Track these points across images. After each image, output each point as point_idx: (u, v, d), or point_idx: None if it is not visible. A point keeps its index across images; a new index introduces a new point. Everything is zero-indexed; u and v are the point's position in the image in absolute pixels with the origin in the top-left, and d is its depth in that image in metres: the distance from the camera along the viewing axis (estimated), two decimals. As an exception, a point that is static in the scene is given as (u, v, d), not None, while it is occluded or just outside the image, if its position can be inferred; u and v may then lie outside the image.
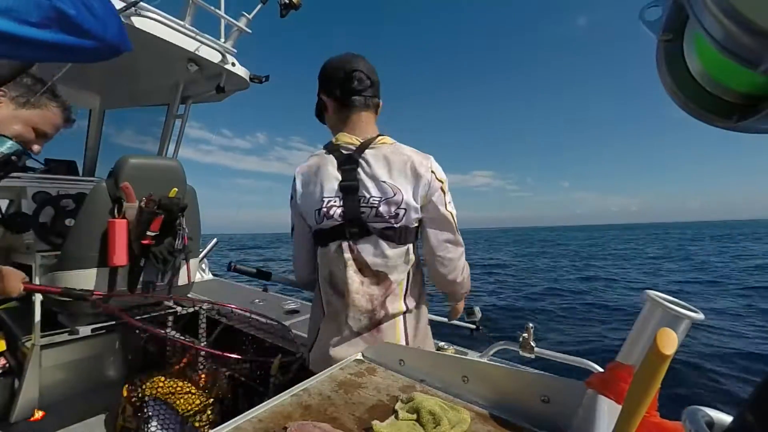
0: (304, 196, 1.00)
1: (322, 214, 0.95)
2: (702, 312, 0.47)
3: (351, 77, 0.99)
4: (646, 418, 0.41)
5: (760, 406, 0.23)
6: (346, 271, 0.95)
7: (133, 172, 1.41)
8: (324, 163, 0.98)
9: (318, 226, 0.97)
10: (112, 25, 0.71)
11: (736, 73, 0.23)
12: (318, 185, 0.96)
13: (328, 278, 1.00)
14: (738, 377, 3.98)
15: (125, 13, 1.43)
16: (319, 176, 0.97)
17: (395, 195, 0.94)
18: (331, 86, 1.02)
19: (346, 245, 0.95)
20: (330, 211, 0.94)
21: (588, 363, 1.13)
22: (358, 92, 1.00)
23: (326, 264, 0.99)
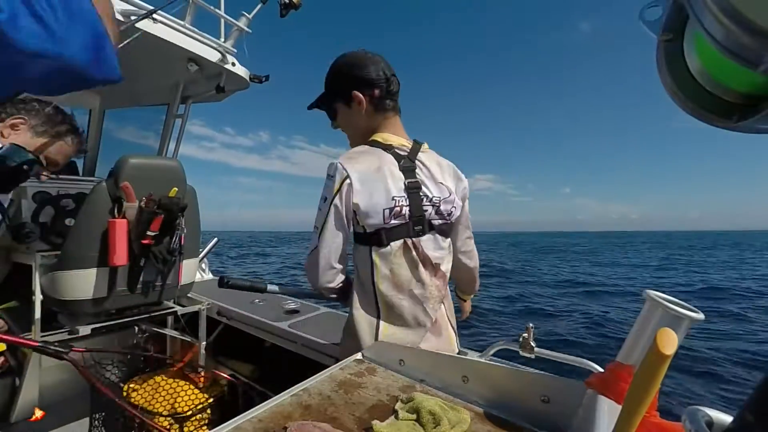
0: (367, 195, 0.93)
1: (393, 212, 0.95)
2: (702, 312, 0.47)
3: (391, 80, 1.02)
4: (646, 418, 0.41)
5: (760, 406, 0.23)
6: (417, 268, 0.99)
7: (133, 172, 1.41)
8: (385, 162, 0.98)
9: (383, 225, 0.95)
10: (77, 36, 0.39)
11: (736, 73, 0.23)
12: (384, 184, 0.95)
13: (389, 278, 0.98)
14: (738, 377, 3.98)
15: (124, 12, 1.43)
16: (384, 175, 0.96)
17: (450, 195, 1.06)
18: (371, 85, 1.01)
19: (411, 243, 0.98)
20: (401, 210, 0.96)
21: (588, 363, 1.13)
22: (394, 95, 1.04)
23: (386, 263, 0.97)
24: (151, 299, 1.60)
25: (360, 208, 0.93)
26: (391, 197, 0.95)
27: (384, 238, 0.96)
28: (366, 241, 0.98)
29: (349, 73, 1.03)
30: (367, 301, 1.00)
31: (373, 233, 0.96)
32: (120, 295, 1.48)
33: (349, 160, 0.96)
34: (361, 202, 0.93)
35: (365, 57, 1.03)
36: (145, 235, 1.40)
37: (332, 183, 0.93)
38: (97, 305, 1.43)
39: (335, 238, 0.95)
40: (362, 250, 0.99)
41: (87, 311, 1.45)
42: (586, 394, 0.55)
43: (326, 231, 0.94)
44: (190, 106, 2.35)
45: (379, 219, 0.95)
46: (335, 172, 0.94)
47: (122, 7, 1.43)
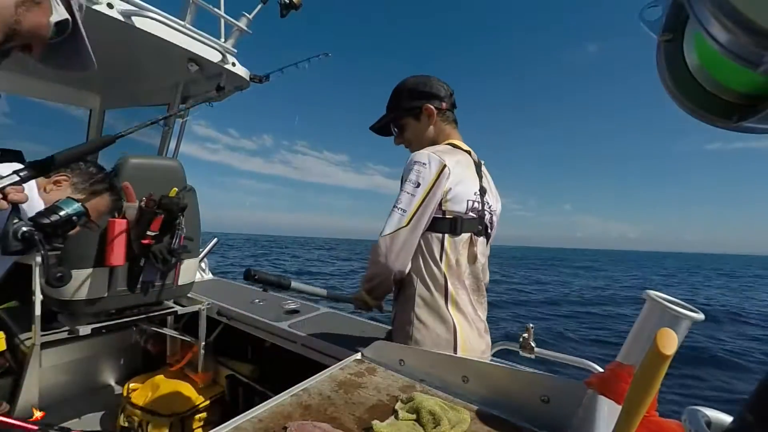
0: (460, 183, 1.02)
1: (472, 205, 1.04)
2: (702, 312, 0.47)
3: (452, 95, 1.15)
4: (646, 418, 0.41)
5: (760, 406, 0.23)
6: (475, 263, 1.06)
7: (134, 172, 1.41)
8: (468, 163, 1.08)
9: (463, 214, 1.03)
10: None
11: (736, 73, 0.23)
12: (470, 179, 1.06)
13: (454, 268, 1.02)
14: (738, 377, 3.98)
15: (125, 12, 1.43)
16: (470, 171, 1.07)
17: (497, 210, 1.17)
18: (439, 98, 1.13)
19: (474, 238, 1.05)
20: (477, 206, 1.06)
21: (588, 363, 1.13)
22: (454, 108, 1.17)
23: (455, 252, 1.02)
24: (151, 299, 1.60)
25: (450, 192, 1.00)
26: (473, 192, 1.05)
27: (459, 227, 1.02)
28: (442, 227, 1.02)
29: (419, 90, 1.14)
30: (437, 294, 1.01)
31: (451, 219, 1.02)
32: (120, 295, 1.48)
33: (444, 153, 1.02)
34: (453, 188, 1.00)
35: (429, 77, 1.16)
36: (145, 235, 1.40)
37: (427, 169, 0.99)
38: (97, 305, 1.43)
39: (421, 221, 0.99)
40: (435, 236, 1.03)
41: (87, 311, 1.45)
42: (586, 394, 0.55)
43: (421, 214, 0.99)
44: (190, 106, 2.35)
45: (462, 207, 1.02)
46: (430, 160, 1.00)
47: (122, 7, 1.43)
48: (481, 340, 1.06)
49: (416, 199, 0.98)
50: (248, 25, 1.87)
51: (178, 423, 1.65)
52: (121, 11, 1.42)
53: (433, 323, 1.00)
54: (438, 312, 1.00)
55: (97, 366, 1.96)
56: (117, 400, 1.82)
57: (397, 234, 0.98)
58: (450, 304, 1.01)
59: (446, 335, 0.99)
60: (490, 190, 1.14)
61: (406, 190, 1.00)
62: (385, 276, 1.03)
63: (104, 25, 1.44)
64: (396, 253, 0.99)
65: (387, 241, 0.99)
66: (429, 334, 0.99)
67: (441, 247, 1.02)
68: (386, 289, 1.09)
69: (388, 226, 1.00)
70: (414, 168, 1.00)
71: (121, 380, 1.93)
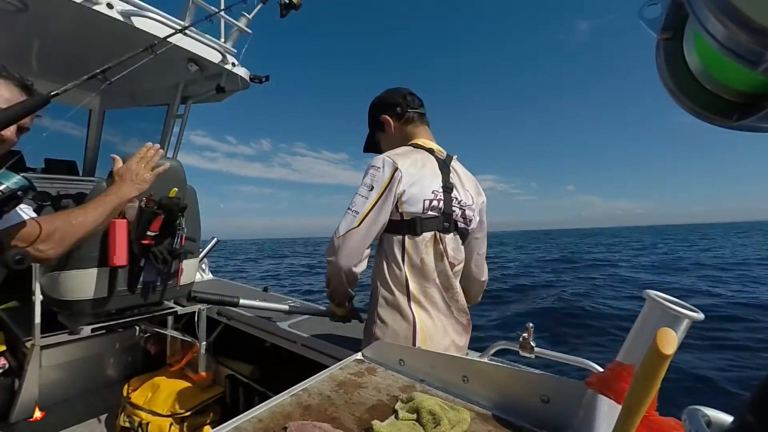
0: (414, 184, 1.03)
1: (431, 205, 1.05)
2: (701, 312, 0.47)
3: (408, 98, 1.19)
4: (646, 418, 0.41)
5: (760, 407, 0.23)
6: (443, 260, 1.06)
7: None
8: (429, 160, 1.10)
9: (420, 214, 1.04)
10: None
11: (736, 72, 0.23)
12: (427, 177, 1.06)
13: (419, 267, 1.05)
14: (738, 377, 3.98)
15: (125, 12, 1.43)
16: (428, 170, 1.08)
17: (472, 203, 1.17)
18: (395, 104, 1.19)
19: (440, 236, 1.06)
20: (438, 204, 1.06)
21: (588, 363, 1.13)
22: (416, 108, 1.20)
23: (417, 252, 1.05)
24: (151, 299, 1.60)
25: (405, 195, 1.03)
26: (431, 191, 1.06)
27: (419, 227, 1.04)
28: (400, 229, 1.05)
29: (375, 106, 1.24)
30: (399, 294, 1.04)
31: (409, 221, 1.04)
32: (120, 295, 1.48)
33: (398, 156, 1.06)
34: (407, 190, 1.03)
35: (386, 91, 1.24)
36: (145, 235, 1.40)
37: (381, 173, 1.03)
38: (97, 305, 1.43)
39: (375, 224, 1.02)
40: (395, 239, 1.06)
41: (87, 311, 1.45)
42: (586, 394, 0.55)
43: (370, 215, 1.01)
44: (189, 107, 2.35)
45: (419, 207, 1.04)
46: (384, 164, 1.03)
47: (122, 7, 1.43)
48: (447, 337, 1.07)
49: (369, 202, 1.01)
50: (248, 25, 1.87)
51: (178, 423, 1.65)
52: (121, 11, 1.42)
53: (393, 321, 1.04)
54: (399, 310, 1.04)
55: (97, 366, 1.96)
56: (117, 400, 1.82)
57: (349, 235, 1.01)
58: (413, 302, 1.04)
59: (405, 331, 1.02)
60: (460, 184, 1.15)
61: (360, 192, 1.03)
62: (337, 275, 1.05)
63: (104, 25, 1.44)
64: (346, 253, 1.01)
65: (339, 241, 1.02)
66: (388, 330, 1.04)
67: (402, 249, 1.05)
68: (343, 292, 1.12)
69: (341, 227, 1.02)
70: (369, 172, 1.04)
71: (121, 380, 1.93)
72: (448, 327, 1.08)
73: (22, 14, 1.44)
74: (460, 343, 1.13)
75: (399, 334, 1.03)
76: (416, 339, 1.02)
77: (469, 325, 1.16)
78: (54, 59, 1.84)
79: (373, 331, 1.06)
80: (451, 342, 1.09)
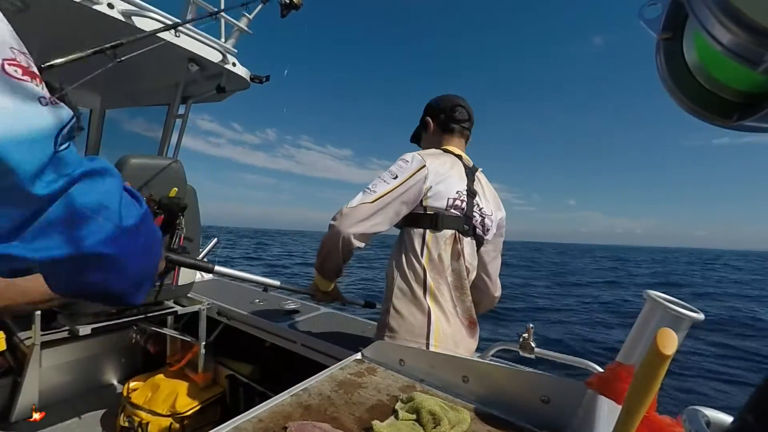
0: (441, 182, 1.07)
1: (455, 204, 1.08)
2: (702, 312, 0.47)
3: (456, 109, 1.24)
4: (646, 418, 0.41)
5: (760, 407, 0.23)
6: (458, 260, 1.09)
7: (134, 172, 1.41)
8: (456, 164, 1.15)
9: (443, 210, 1.08)
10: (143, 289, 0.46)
11: (736, 72, 0.23)
12: (454, 178, 1.11)
13: (435, 262, 1.07)
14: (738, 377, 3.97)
15: (125, 12, 1.43)
16: (455, 172, 1.12)
17: (492, 215, 1.21)
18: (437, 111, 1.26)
19: (459, 236, 1.09)
20: (461, 204, 1.09)
21: (588, 363, 1.13)
22: (459, 122, 1.24)
23: (436, 247, 1.07)
24: (151, 299, 1.60)
25: (431, 190, 1.06)
26: (456, 190, 1.09)
27: (440, 223, 1.07)
28: (422, 223, 1.08)
29: (428, 106, 1.30)
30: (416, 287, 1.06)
31: (432, 215, 1.07)
32: (120, 295, 1.48)
33: (428, 154, 1.11)
34: (433, 186, 1.06)
35: (445, 95, 1.29)
36: (145, 235, 1.40)
37: (408, 166, 1.06)
38: (97, 305, 1.43)
39: (390, 207, 1.03)
40: (415, 231, 1.08)
41: (87, 311, 1.45)
42: (586, 394, 0.55)
43: (385, 198, 1.03)
44: (190, 106, 2.35)
45: (442, 204, 1.07)
46: (414, 159, 1.07)
47: (122, 7, 1.43)
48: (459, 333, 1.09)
49: (388, 187, 1.03)
50: (248, 25, 1.87)
51: (178, 423, 1.65)
52: (121, 11, 1.42)
53: (409, 313, 1.05)
54: (415, 302, 1.05)
55: (97, 366, 1.96)
56: (117, 400, 1.82)
57: (360, 206, 1.01)
58: (428, 295, 1.05)
59: (421, 323, 1.03)
60: (483, 193, 1.20)
61: (382, 177, 1.06)
62: (334, 239, 1.02)
63: (104, 26, 1.44)
64: (351, 220, 1.00)
65: (347, 210, 1.02)
66: (404, 322, 1.04)
67: (422, 242, 1.07)
68: (335, 262, 1.08)
69: (354, 199, 1.03)
70: (398, 162, 1.08)
71: (121, 380, 1.93)
72: (458, 326, 1.09)
73: (22, 14, 1.44)
74: (469, 346, 1.13)
75: (414, 326, 1.03)
76: (430, 331, 1.02)
77: (474, 329, 1.16)
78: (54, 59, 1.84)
79: (388, 321, 1.07)
80: (461, 341, 1.09)
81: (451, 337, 1.05)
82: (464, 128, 1.26)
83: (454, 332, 1.06)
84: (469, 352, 1.14)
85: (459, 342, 1.08)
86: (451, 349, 1.05)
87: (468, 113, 1.26)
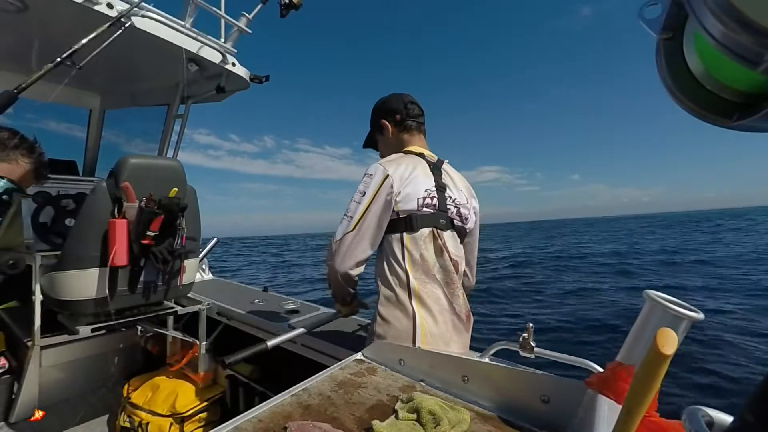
0: (407, 185, 1.09)
1: (425, 202, 1.10)
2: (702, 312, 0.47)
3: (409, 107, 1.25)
4: (646, 418, 0.41)
5: (760, 406, 0.23)
6: (442, 255, 1.10)
7: (133, 172, 1.41)
8: (419, 163, 1.16)
9: (415, 211, 1.09)
10: None
11: (736, 72, 0.23)
12: (419, 178, 1.12)
13: (419, 263, 1.08)
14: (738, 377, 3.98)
15: (125, 12, 1.43)
16: (419, 172, 1.13)
17: (467, 203, 1.22)
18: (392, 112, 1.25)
19: (437, 232, 1.10)
20: (432, 201, 1.11)
21: (588, 363, 1.13)
22: (415, 118, 1.26)
23: (417, 248, 1.08)
24: (151, 299, 1.60)
25: (399, 195, 1.07)
26: (424, 189, 1.11)
27: (415, 223, 1.08)
28: (398, 228, 1.09)
29: (377, 109, 1.30)
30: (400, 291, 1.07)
31: (405, 218, 1.08)
32: (120, 295, 1.48)
33: (389, 162, 1.12)
34: (402, 190, 1.08)
35: (390, 95, 1.29)
36: (145, 235, 1.40)
37: (372, 180, 1.08)
38: (97, 305, 1.43)
39: (368, 227, 1.06)
40: (393, 237, 1.10)
41: (87, 311, 1.45)
42: (586, 394, 0.55)
43: (364, 220, 1.06)
44: (189, 107, 2.35)
45: (413, 205, 1.08)
46: (376, 171, 1.09)
47: (123, 7, 1.43)
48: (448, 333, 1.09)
49: (361, 207, 1.06)
50: (248, 25, 1.87)
51: (178, 423, 1.65)
52: (120, 11, 1.42)
53: (394, 318, 1.06)
54: (399, 307, 1.06)
55: (97, 366, 1.96)
56: (117, 400, 1.82)
57: (344, 239, 1.06)
58: (414, 298, 1.06)
59: (406, 327, 1.05)
60: (453, 185, 1.22)
61: (354, 199, 1.09)
62: (334, 278, 1.10)
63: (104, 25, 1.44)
64: (342, 256, 1.06)
65: (335, 245, 1.07)
66: (390, 328, 1.06)
67: (401, 246, 1.08)
68: (344, 293, 1.16)
69: (338, 232, 1.08)
70: (363, 179, 1.10)
71: (121, 380, 1.93)
72: (449, 324, 1.10)
73: (22, 14, 1.44)
74: (461, 341, 1.13)
75: (400, 331, 1.05)
76: (416, 335, 1.03)
77: (469, 322, 1.17)
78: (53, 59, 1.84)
79: (375, 330, 1.09)
80: (452, 339, 1.10)
81: (440, 338, 1.06)
82: (420, 123, 1.27)
83: (442, 332, 1.07)
84: (464, 346, 1.15)
85: (449, 340, 1.09)
86: (442, 348, 1.05)
87: (420, 107, 1.27)
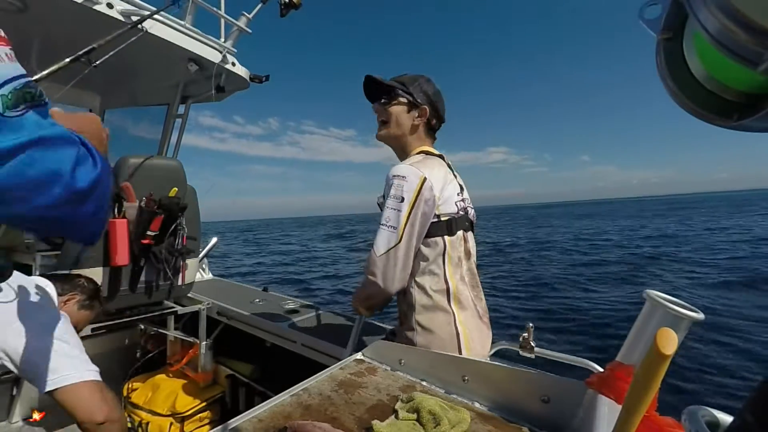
0: (444, 188, 1.05)
1: (460, 203, 1.08)
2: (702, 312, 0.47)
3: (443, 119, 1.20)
4: (646, 418, 0.41)
5: (760, 406, 0.23)
6: (469, 258, 1.09)
7: (134, 172, 1.41)
8: (443, 165, 1.11)
9: (454, 214, 1.06)
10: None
11: (736, 72, 0.23)
12: (448, 179, 1.09)
13: (457, 264, 1.05)
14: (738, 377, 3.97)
15: (125, 12, 1.43)
16: (445, 172, 1.09)
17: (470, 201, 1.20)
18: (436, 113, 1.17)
19: (465, 235, 1.09)
20: (464, 203, 1.10)
21: (588, 363, 1.13)
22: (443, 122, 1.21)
23: (455, 251, 1.05)
24: (151, 299, 1.60)
25: (441, 198, 1.02)
26: (456, 192, 1.09)
27: (454, 227, 1.05)
28: (439, 231, 1.03)
29: (431, 93, 1.16)
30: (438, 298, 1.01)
31: (447, 221, 1.04)
32: (120, 295, 1.48)
33: (419, 164, 1.03)
34: (441, 193, 1.03)
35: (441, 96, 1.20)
36: (146, 235, 1.40)
37: (407, 183, 0.98)
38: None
39: (413, 236, 0.98)
40: (431, 242, 1.03)
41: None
42: (586, 394, 0.55)
43: (407, 228, 0.96)
44: (189, 106, 2.35)
45: (453, 208, 1.05)
46: (409, 173, 0.99)
47: (122, 7, 1.43)
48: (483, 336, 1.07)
49: (403, 214, 0.96)
50: (248, 25, 1.87)
51: (178, 423, 1.65)
52: (121, 11, 1.42)
53: (436, 326, 0.99)
54: (441, 314, 1.00)
55: (97, 365, 1.96)
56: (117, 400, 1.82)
57: (391, 253, 0.96)
58: (453, 301, 1.01)
59: (450, 335, 0.99)
60: (464, 185, 1.20)
61: (390, 206, 0.98)
62: (378, 297, 1.03)
63: (104, 26, 1.44)
64: (393, 273, 0.97)
65: (383, 261, 0.97)
66: (434, 338, 0.99)
67: (444, 249, 1.02)
68: (383, 305, 1.12)
69: (379, 244, 0.97)
70: (395, 183, 0.99)
71: (121, 380, 1.93)
72: (482, 328, 1.07)
73: (22, 14, 1.44)
74: (488, 345, 1.11)
75: (444, 340, 0.99)
76: (461, 342, 0.98)
77: (489, 325, 1.14)
78: (54, 60, 1.84)
79: (413, 339, 1.01)
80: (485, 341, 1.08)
81: (479, 342, 1.03)
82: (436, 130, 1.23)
83: (480, 336, 1.05)
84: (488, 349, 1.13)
85: (484, 345, 1.07)
86: (480, 353, 1.03)
87: None
